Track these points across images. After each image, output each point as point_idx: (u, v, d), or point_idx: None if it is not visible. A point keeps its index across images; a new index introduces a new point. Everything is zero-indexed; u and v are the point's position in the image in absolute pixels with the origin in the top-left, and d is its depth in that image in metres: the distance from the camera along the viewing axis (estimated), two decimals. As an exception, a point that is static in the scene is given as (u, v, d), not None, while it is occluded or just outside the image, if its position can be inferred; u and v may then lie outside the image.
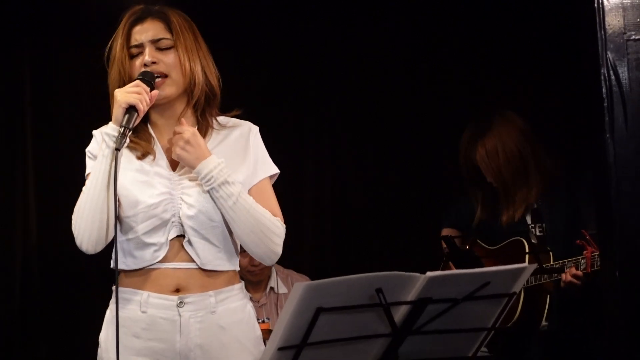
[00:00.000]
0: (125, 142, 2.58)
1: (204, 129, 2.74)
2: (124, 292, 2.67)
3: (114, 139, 2.56)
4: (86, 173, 2.73)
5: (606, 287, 3.15)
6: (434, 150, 4.81)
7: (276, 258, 2.74)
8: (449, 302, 2.25)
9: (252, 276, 4.34)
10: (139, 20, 2.72)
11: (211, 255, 2.68)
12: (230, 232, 2.70)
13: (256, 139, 2.79)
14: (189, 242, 2.66)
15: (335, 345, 2.23)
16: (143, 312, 2.64)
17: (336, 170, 4.99)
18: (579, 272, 3.53)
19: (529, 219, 3.84)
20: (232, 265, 2.74)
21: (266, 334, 2.92)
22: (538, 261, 3.54)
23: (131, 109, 2.57)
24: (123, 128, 2.56)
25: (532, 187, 3.80)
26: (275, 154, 2.84)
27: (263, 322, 3.60)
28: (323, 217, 4.97)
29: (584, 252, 3.52)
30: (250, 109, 2.84)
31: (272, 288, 4.41)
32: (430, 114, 4.84)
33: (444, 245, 3.83)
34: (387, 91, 4.89)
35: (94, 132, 2.76)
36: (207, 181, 2.63)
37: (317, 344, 2.20)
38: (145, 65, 2.67)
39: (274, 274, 4.44)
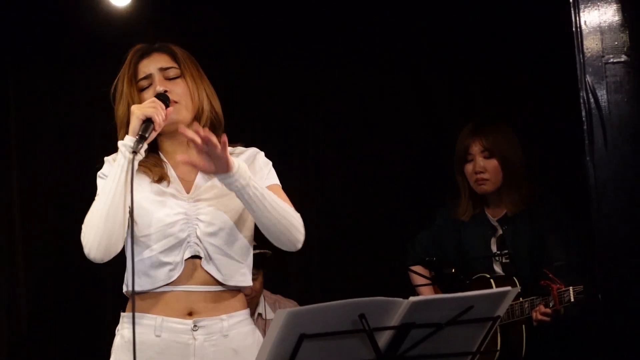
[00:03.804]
0: (142, 147, 2.61)
1: None
2: (136, 316, 2.65)
3: (130, 148, 2.60)
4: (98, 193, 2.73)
5: (589, 307, 3.17)
6: (422, 171, 4.83)
7: (299, 246, 2.76)
8: (432, 327, 2.25)
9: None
10: (144, 54, 2.80)
11: (233, 270, 2.71)
12: (251, 247, 2.75)
13: (263, 159, 2.82)
14: (209, 258, 2.68)
15: (319, 371, 2.24)
16: (157, 336, 2.66)
17: (322, 194, 5.00)
18: (548, 310, 3.53)
19: (494, 247, 3.86)
20: (250, 281, 2.78)
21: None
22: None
23: (148, 121, 2.62)
24: (140, 135, 2.60)
25: (521, 193, 3.80)
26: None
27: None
28: (310, 242, 4.96)
29: (550, 290, 3.54)
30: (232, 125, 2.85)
31: (259, 314, 4.38)
32: (419, 131, 4.90)
33: (427, 269, 3.84)
34: (376, 107, 4.93)
35: (106, 158, 2.79)
36: (236, 180, 2.58)
37: (301, 370, 2.21)
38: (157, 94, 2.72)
39: (262, 301, 4.42)
